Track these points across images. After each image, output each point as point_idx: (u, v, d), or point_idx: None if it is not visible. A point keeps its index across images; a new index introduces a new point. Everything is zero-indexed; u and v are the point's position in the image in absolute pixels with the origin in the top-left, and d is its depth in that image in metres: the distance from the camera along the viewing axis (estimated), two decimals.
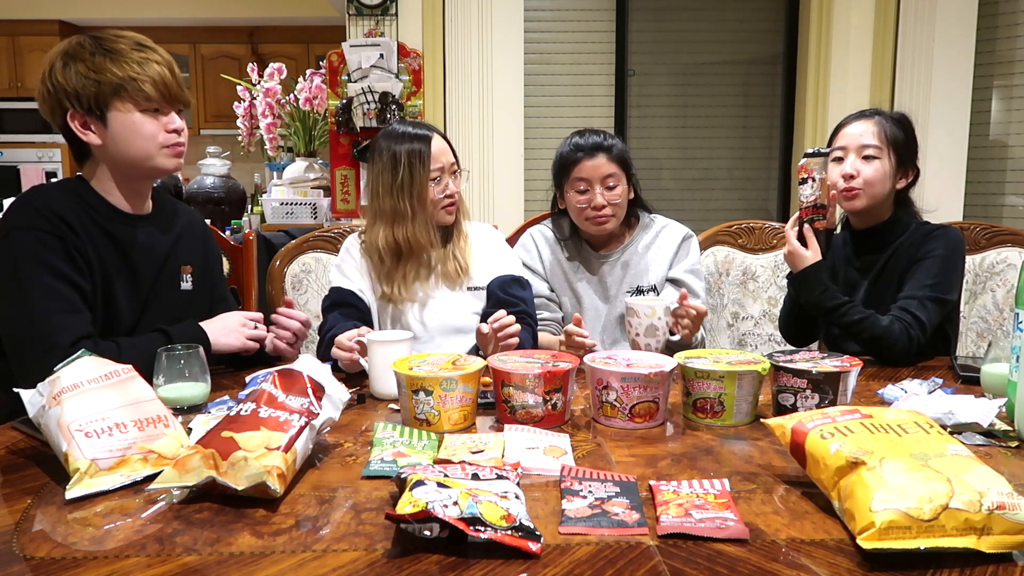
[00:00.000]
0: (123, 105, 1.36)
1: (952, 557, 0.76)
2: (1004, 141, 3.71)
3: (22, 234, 1.33)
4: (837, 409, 0.98)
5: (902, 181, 1.72)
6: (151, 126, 1.39)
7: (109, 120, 1.36)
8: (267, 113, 3.60)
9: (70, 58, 1.35)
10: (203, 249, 1.61)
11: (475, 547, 0.78)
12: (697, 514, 0.84)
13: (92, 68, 1.34)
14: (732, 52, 4.07)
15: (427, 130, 1.75)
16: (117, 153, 1.39)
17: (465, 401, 1.18)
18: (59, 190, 1.41)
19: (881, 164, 1.68)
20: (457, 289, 1.75)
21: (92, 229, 1.39)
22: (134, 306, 1.45)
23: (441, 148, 1.73)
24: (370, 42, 3.49)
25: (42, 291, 1.31)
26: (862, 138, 1.70)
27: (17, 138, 6.26)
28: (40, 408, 1.01)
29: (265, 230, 3.37)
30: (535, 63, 3.90)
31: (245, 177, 4.50)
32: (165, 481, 0.90)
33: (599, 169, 1.79)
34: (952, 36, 3.57)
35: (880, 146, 1.68)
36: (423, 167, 1.70)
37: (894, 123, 1.71)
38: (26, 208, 1.35)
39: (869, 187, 1.68)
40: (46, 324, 1.30)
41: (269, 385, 1.03)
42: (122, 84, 1.35)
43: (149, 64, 1.37)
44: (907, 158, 1.72)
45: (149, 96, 1.36)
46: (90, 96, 1.35)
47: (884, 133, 1.69)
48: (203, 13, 6.13)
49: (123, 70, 1.35)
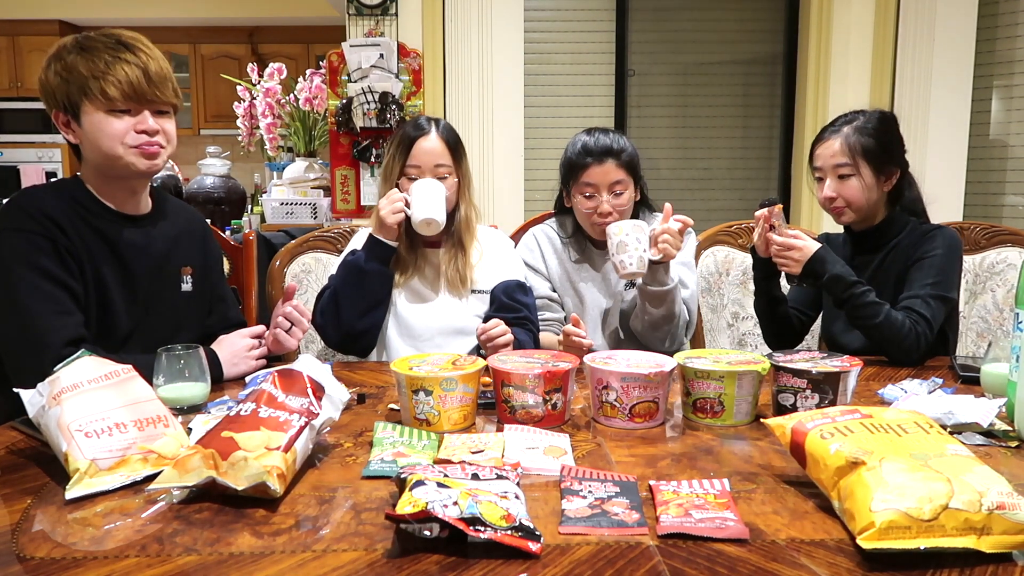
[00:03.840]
0: (91, 105, 1.35)
1: (952, 557, 0.76)
2: (1004, 141, 3.71)
3: (11, 236, 1.33)
4: (837, 409, 0.98)
5: (887, 184, 1.71)
6: (118, 125, 1.36)
7: (82, 120, 1.36)
8: (267, 113, 3.60)
9: (53, 57, 1.36)
10: (203, 249, 1.60)
11: (475, 547, 0.78)
12: (697, 514, 0.84)
13: (65, 67, 1.34)
14: (732, 52, 4.07)
15: (428, 126, 1.74)
16: (91, 152, 1.39)
17: (465, 401, 1.18)
18: (51, 191, 1.40)
19: (856, 180, 1.68)
20: (462, 295, 1.75)
21: (84, 230, 1.38)
22: (132, 309, 1.44)
23: (429, 148, 1.71)
24: (370, 42, 3.49)
25: (33, 293, 1.30)
26: (833, 159, 1.69)
27: (17, 138, 6.26)
28: (40, 408, 1.01)
29: (265, 230, 3.37)
30: (535, 63, 3.90)
31: (245, 177, 4.50)
32: (165, 481, 0.90)
33: (607, 175, 1.78)
34: (952, 36, 3.56)
35: (850, 162, 1.67)
36: (399, 160, 1.72)
37: (863, 132, 1.68)
38: (16, 210, 1.35)
39: (851, 204, 1.69)
40: (37, 326, 1.29)
41: (269, 385, 1.03)
42: (85, 83, 1.33)
43: (118, 64, 1.34)
44: (883, 162, 1.69)
45: (110, 96, 1.33)
46: (63, 95, 1.35)
47: (851, 148, 1.67)
48: (203, 13, 6.13)
49: (89, 69, 1.33)
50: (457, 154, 1.76)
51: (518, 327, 1.66)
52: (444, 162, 1.72)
